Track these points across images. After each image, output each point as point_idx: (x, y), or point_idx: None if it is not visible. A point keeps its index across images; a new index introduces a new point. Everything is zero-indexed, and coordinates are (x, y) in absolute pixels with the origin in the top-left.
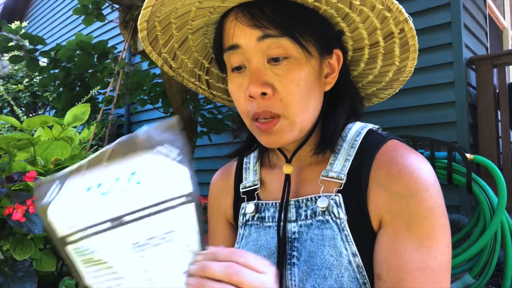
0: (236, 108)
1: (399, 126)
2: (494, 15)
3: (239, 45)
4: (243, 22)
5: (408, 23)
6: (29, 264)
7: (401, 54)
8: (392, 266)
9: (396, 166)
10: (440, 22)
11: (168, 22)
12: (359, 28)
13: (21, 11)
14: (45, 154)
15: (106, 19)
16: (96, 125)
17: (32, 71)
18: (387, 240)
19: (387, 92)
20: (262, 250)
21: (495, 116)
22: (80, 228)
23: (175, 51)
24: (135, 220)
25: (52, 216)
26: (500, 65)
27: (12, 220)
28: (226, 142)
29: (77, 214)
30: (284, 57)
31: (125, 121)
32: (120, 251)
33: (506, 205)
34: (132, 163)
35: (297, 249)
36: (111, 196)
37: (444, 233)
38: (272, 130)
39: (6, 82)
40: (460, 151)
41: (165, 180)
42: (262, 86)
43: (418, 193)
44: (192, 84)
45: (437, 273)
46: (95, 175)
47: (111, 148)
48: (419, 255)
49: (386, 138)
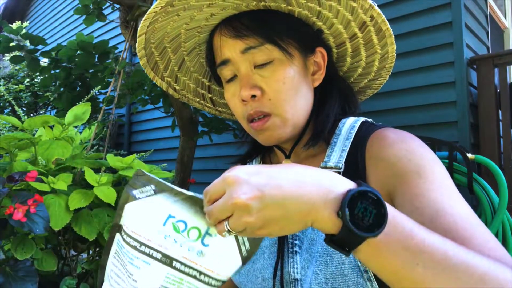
0: (235, 115)
1: (400, 126)
2: (495, 15)
3: (228, 59)
4: (227, 35)
5: (374, 9)
6: (30, 263)
7: (379, 41)
8: (423, 206)
9: (387, 139)
10: (441, 21)
11: (163, 47)
12: (335, 24)
13: (22, 12)
14: (46, 154)
15: (107, 19)
16: (97, 125)
17: (33, 71)
18: (407, 193)
19: (378, 82)
20: (265, 240)
21: (496, 115)
22: (138, 239)
23: (176, 74)
24: (181, 272)
25: (128, 209)
26: (501, 64)
27: (13, 219)
28: (227, 142)
29: (146, 228)
30: (268, 61)
31: (126, 121)
32: (151, 280)
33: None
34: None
35: (298, 238)
36: (179, 237)
37: (451, 182)
38: (264, 127)
39: (7, 82)
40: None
41: (224, 261)
42: (251, 89)
43: (416, 150)
44: (197, 104)
45: (466, 206)
46: (182, 211)
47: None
48: (446, 190)
49: (379, 126)
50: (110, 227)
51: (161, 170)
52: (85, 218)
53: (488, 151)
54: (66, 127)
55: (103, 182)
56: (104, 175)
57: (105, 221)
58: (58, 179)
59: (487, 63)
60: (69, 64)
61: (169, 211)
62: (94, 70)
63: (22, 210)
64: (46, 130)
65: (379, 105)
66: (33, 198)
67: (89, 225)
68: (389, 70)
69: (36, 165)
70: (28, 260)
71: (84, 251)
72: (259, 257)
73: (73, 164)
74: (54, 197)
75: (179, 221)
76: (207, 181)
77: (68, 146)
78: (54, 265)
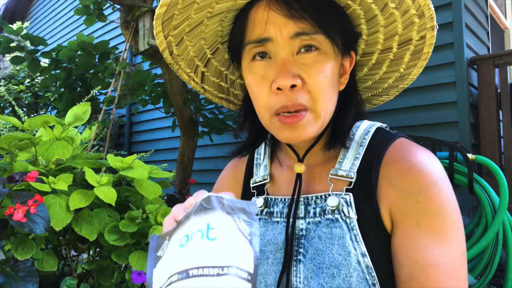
0: (253, 101)
1: (401, 126)
2: (496, 15)
3: (271, 38)
4: (278, 11)
5: (433, 30)
6: (30, 264)
7: (409, 62)
8: (403, 263)
9: (405, 164)
10: (441, 22)
11: (192, 1)
12: (378, 32)
13: (23, 12)
14: (47, 154)
15: (107, 19)
16: (98, 125)
17: (33, 72)
18: (399, 239)
19: (381, 99)
20: (269, 245)
21: (497, 116)
22: (163, 283)
23: (183, 36)
24: (200, 276)
25: (156, 272)
26: (502, 65)
27: (13, 220)
28: (227, 142)
29: (165, 271)
30: (316, 47)
31: (127, 121)
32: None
33: (508, 205)
34: (212, 219)
35: (303, 246)
36: (186, 249)
37: (455, 227)
38: (298, 124)
39: (7, 83)
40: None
41: (237, 248)
42: (293, 78)
43: (428, 190)
44: (185, 75)
45: (450, 268)
46: (183, 229)
47: (199, 203)
48: (431, 251)
49: (394, 136)
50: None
51: (161, 170)
52: (86, 218)
53: (488, 151)
54: (67, 127)
55: (104, 182)
56: (104, 175)
57: (105, 221)
58: (58, 180)
59: (487, 63)
60: (70, 64)
61: (178, 241)
62: (94, 71)
63: (23, 210)
64: (47, 130)
65: (380, 105)
66: (33, 199)
67: (90, 226)
68: (399, 91)
69: (36, 165)
70: (29, 260)
71: (84, 251)
72: (263, 262)
73: (74, 164)
74: (55, 198)
75: (182, 239)
76: (207, 181)
77: (68, 146)
78: (54, 266)
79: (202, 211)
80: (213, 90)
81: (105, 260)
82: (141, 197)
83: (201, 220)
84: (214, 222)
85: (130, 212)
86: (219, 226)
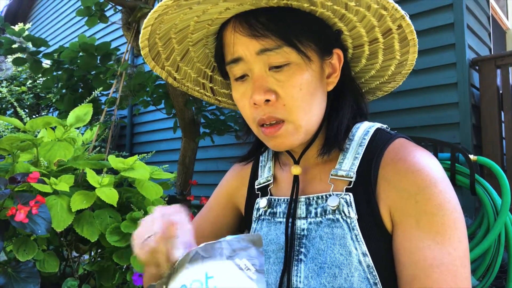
0: (242, 115)
1: (402, 127)
2: (497, 16)
3: (241, 58)
4: (241, 32)
5: (405, 19)
6: (32, 265)
7: (401, 49)
8: (405, 264)
9: (404, 164)
10: (443, 23)
11: (168, 38)
12: (357, 27)
13: (24, 14)
14: (48, 155)
15: (109, 20)
16: (99, 127)
17: (35, 73)
18: (400, 240)
19: (390, 85)
20: (271, 244)
21: (499, 117)
22: None
23: (177, 64)
24: None
25: None
26: (504, 65)
27: (15, 221)
28: (228, 143)
29: None
30: (285, 64)
31: (128, 122)
32: None
33: (510, 207)
34: (210, 267)
35: (305, 246)
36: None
37: (456, 227)
38: (276, 134)
39: (9, 84)
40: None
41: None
42: (265, 93)
43: (426, 190)
44: (197, 92)
45: (452, 268)
46: (178, 279)
47: (194, 251)
48: (432, 252)
49: (394, 136)
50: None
51: (162, 171)
52: (87, 219)
53: (490, 153)
54: (68, 128)
55: (105, 183)
56: (106, 176)
57: (107, 222)
58: (60, 181)
59: (489, 64)
60: (71, 65)
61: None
62: (96, 72)
63: (24, 211)
64: (48, 131)
65: (382, 107)
66: (35, 199)
67: (91, 227)
68: (404, 76)
69: (38, 166)
70: (30, 261)
71: (86, 252)
72: (265, 261)
73: (75, 165)
74: (56, 198)
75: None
76: (208, 182)
77: (70, 147)
78: (56, 267)
79: (199, 259)
80: (227, 100)
81: (106, 261)
82: (143, 198)
83: (199, 269)
84: (213, 270)
85: (132, 213)
86: (218, 275)
